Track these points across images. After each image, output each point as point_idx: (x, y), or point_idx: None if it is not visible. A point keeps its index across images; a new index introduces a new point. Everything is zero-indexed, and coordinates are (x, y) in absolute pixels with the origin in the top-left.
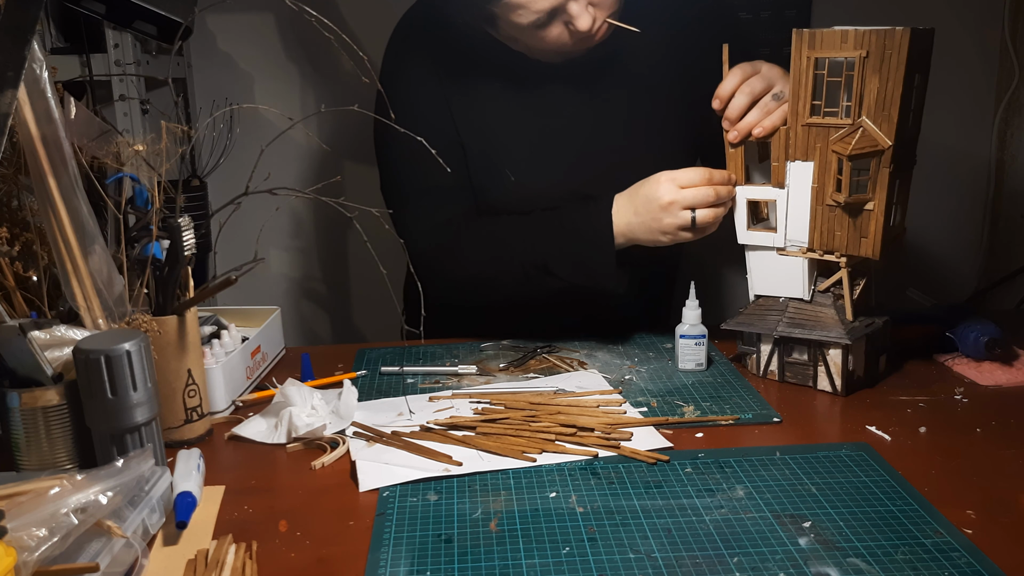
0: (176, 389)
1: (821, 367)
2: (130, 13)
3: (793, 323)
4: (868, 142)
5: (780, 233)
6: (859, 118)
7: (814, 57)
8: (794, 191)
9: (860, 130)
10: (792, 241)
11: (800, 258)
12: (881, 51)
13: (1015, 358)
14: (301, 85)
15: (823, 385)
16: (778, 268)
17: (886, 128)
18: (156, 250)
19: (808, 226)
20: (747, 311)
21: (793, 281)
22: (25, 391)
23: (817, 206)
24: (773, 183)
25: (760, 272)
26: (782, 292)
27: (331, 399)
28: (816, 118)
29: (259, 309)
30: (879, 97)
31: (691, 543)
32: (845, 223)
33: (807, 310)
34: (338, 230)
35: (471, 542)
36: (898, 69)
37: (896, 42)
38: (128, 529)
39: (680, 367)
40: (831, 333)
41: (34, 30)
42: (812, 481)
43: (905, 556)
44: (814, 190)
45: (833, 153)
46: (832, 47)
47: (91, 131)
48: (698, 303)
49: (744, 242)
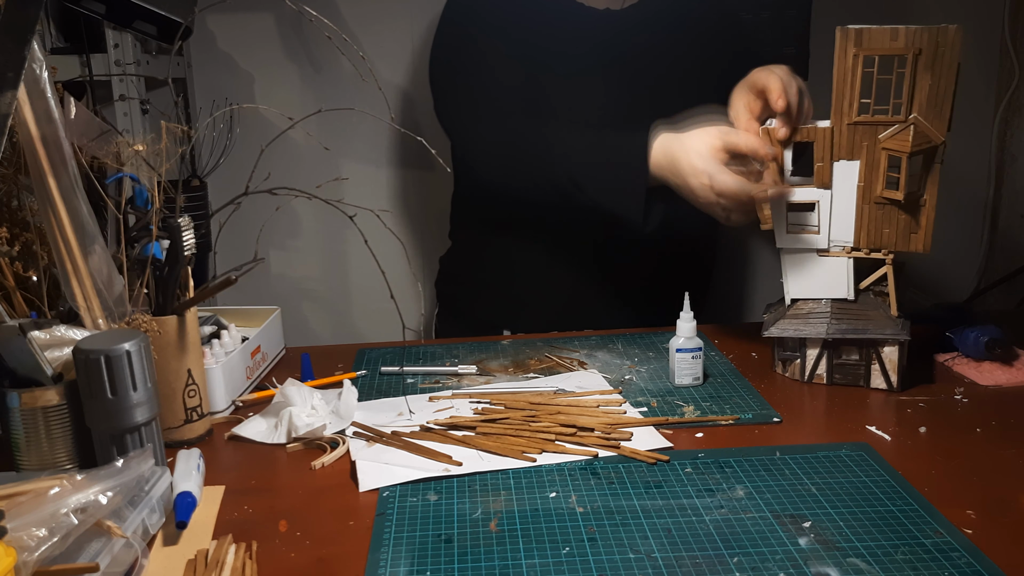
0: (176, 389)
1: (875, 365)
2: (130, 13)
3: (843, 324)
4: (923, 139)
5: (823, 234)
6: (911, 115)
7: (862, 55)
8: (839, 191)
9: (913, 127)
10: (836, 241)
11: (844, 258)
12: (934, 48)
13: (1015, 358)
14: (301, 85)
15: (877, 383)
16: (819, 270)
17: (938, 124)
18: (156, 250)
19: (854, 225)
20: (787, 316)
21: (836, 282)
22: (25, 391)
23: (863, 204)
24: (817, 184)
25: (798, 275)
26: (823, 294)
27: (331, 399)
28: (864, 116)
29: (259, 309)
30: (931, 94)
31: (691, 543)
32: (894, 220)
33: (853, 310)
34: (338, 230)
35: (471, 542)
36: (951, 66)
37: (949, 39)
38: (128, 529)
39: (676, 383)
40: (887, 331)
41: (34, 30)
42: (812, 481)
43: (905, 556)
44: (860, 188)
45: (883, 151)
46: (881, 45)
47: (91, 131)
48: (693, 315)
49: (784, 246)
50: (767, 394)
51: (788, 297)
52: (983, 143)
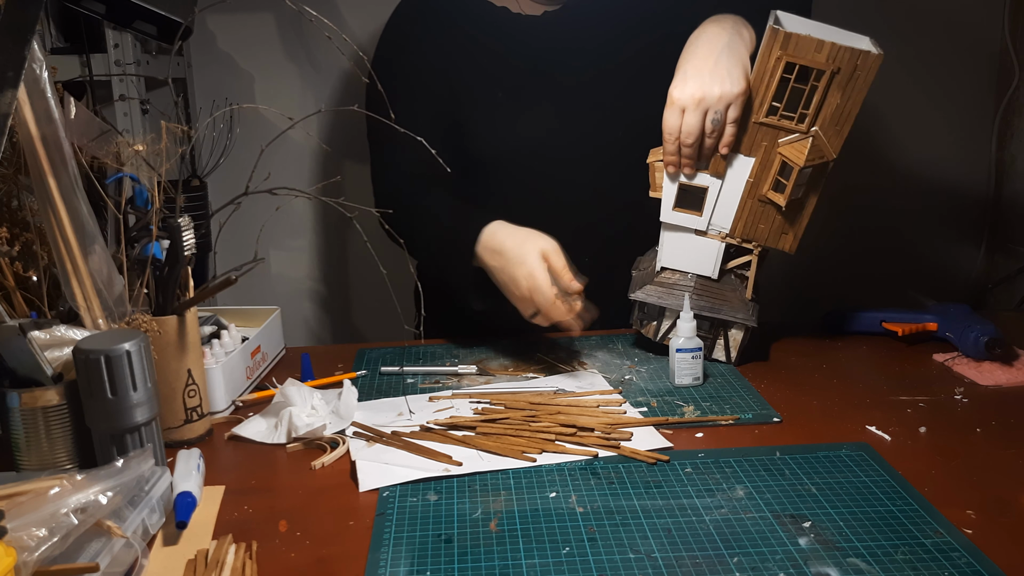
0: (176, 389)
1: (720, 341)
2: (130, 13)
3: (702, 301)
4: (817, 153)
5: (705, 217)
6: (813, 128)
7: (784, 59)
8: (729, 181)
9: (811, 140)
10: (714, 226)
11: (717, 241)
12: (852, 69)
13: (1015, 358)
14: (301, 85)
15: (718, 355)
16: (693, 247)
17: (835, 142)
18: (156, 250)
19: (734, 215)
20: (654, 282)
21: (705, 261)
22: (25, 391)
23: (748, 199)
24: (711, 171)
25: (673, 247)
26: (691, 268)
27: (331, 399)
28: (772, 118)
29: (259, 309)
30: (837, 112)
31: (691, 543)
32: (771, 218)
33: (713, 289)
34: (338, 230)
35: (471, 542)
36: (861, 90)
37: (868, 64)
38: (128, 529)
39: (676, 383)
40: (739, 315)
41: (34, 30)
42: (812, 481)
43: (905, 556)
44: (748, 184)
45: (779, 155)
46: (806, 54)
47: (91, 131)
48: (693, 314)
49: (667, 220)
50: (767, 394)
51: (659, 264)
52: (983, 143)
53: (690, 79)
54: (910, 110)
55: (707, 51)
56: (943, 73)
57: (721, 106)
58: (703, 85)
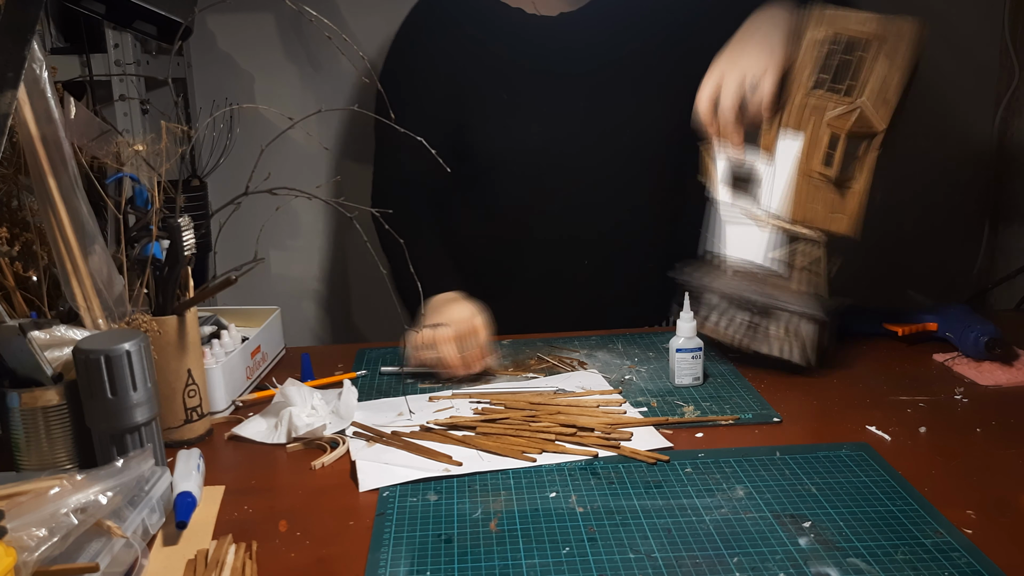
0: (176, 389)
1: (788, 338)
2: (130, 13)
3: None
4: (865, 123)
5: (759, 201)
6: (860, 99)
7: (832, 32)
8: (780, 161)
9: (858, 110)
10: (767, 209)
11: (768, 225)
12: (896, 38)
13: (1015, 358)
14: (301, 85)
15: (791, 356)
16: (743, 231)
17: (883, 112)
18: (156, 250)
19: (787, 196)
20: (699, 266)
21: (755, 246)
22: (25, 391)
23: (799, 177)
24: (761, 147)
25: (723, 230)
26: (740, 254)
27: (331, 399)
28: (818, 91)
29: (259, 309)
30: (882, 82)
31: (691, 543)
32: (826, 199)
33: (767, 277)
34: (338, 230)
35: (471, 542)
36: (905, 58)
37: (910, 32)
38: (128, 529)
39: (676, 383)
40: (793, 305)
41: (34, 30)
42: (812, 481)
43: (905, 556)
44: (799, 162)
45: (827, 128)
46: (851, 24)
47: (91, 131)
48: (693, 314)
49: (720, 199)
50: (767, 394)
51: (705, 247)
52: (983, 143)
53: (731, 47)
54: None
55: (752, 26)
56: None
57: (758, 70)
58: (743, 52)
